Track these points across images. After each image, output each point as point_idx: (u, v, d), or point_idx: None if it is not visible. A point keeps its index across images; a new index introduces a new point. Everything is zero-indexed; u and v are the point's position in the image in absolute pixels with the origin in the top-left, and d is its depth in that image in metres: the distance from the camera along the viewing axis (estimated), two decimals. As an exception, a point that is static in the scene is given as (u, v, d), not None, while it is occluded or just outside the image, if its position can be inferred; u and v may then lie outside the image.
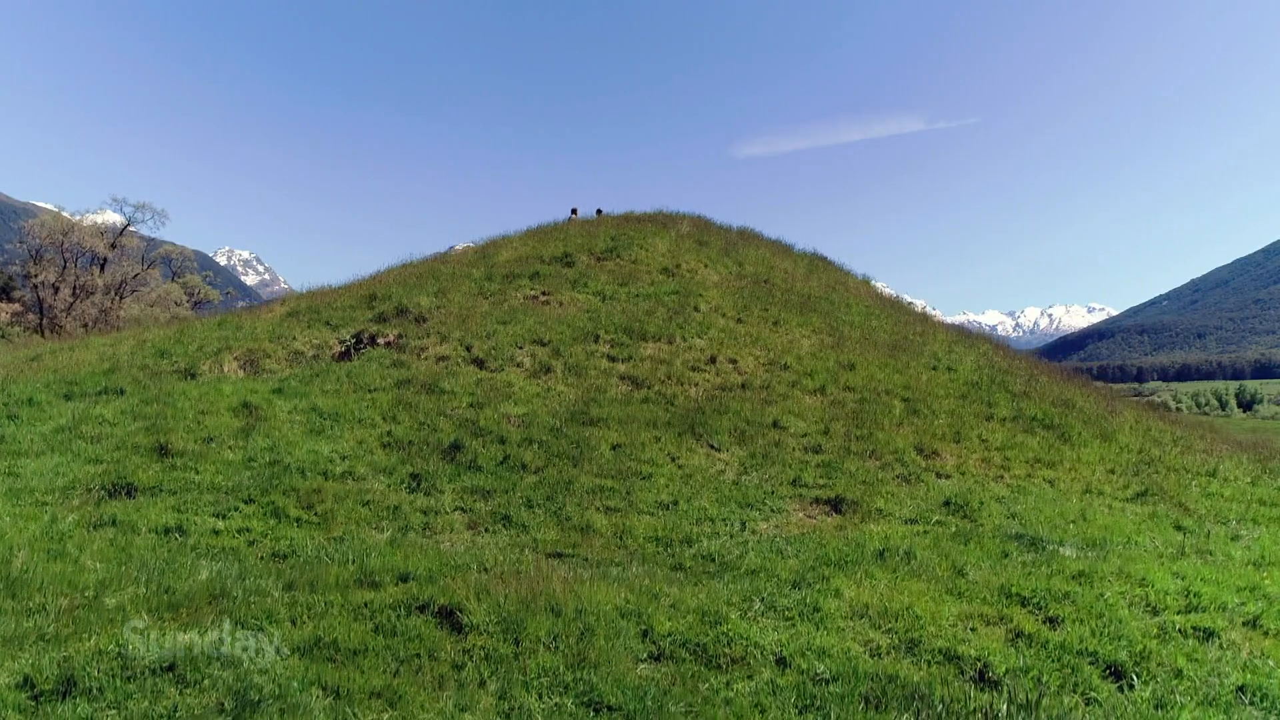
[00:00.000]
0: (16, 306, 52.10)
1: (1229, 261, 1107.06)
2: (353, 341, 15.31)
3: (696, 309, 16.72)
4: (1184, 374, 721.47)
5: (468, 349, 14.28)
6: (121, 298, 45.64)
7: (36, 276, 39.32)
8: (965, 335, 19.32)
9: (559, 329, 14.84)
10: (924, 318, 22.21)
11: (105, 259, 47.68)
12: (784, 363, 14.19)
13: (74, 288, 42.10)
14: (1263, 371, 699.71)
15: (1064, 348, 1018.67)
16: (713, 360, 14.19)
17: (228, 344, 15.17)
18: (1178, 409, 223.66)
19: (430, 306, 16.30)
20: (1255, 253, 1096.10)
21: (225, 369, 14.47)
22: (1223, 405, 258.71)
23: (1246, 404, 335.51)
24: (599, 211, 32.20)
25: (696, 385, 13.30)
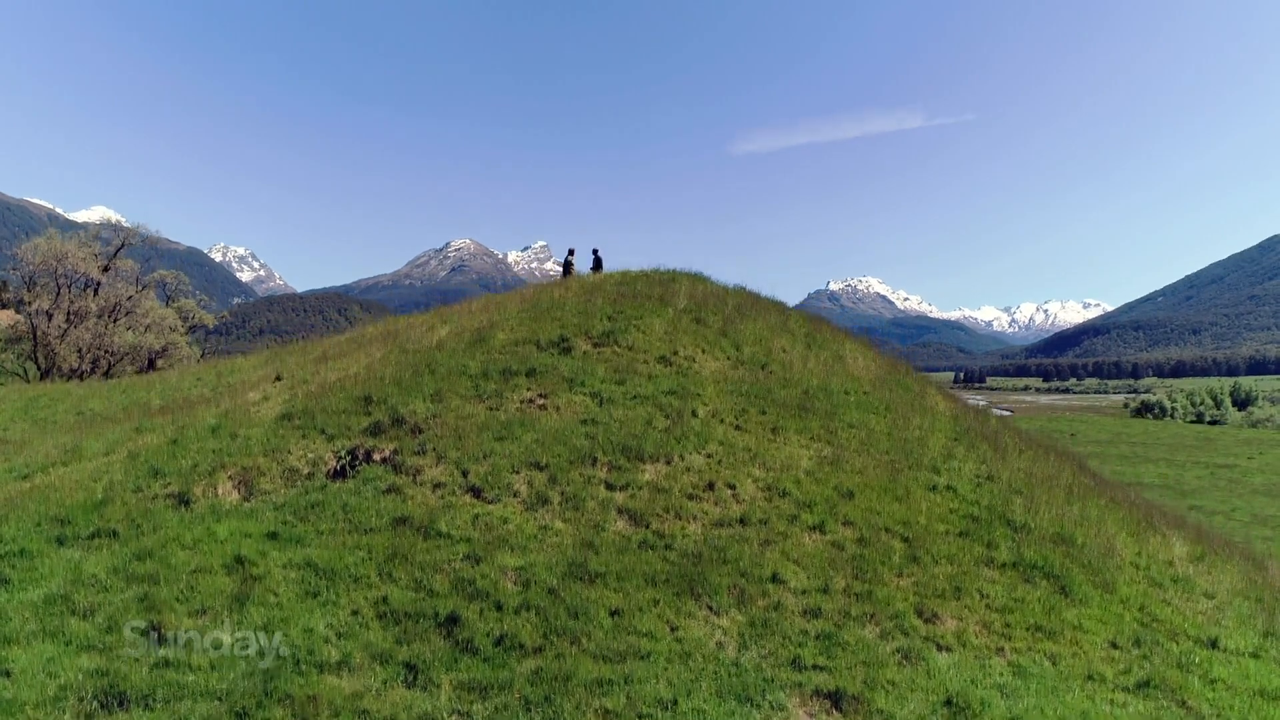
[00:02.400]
0: (10, 322, 52.05)
1: (1224, 257, 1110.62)
2: (348, 459, 15.20)
3: (694, 413, 16.62)
4: (1179, 370, 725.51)
5: (464, 474, 14.18)
6: (115, 321, 45.45)
7: (31, 305, 39.18)
8: (966, 428, 19.26)
9: (556, 449, 14.73)
10: (921, 395, 22.16)
11: (99, 283, 47.43)
12: (783, 488, 14.11)
13: (68, 314, 41.92)
14: (1257, 367, 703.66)
15: (1060, 344, 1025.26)
16: (711, 486, 14.10)
17: (221, 461, 15.05)
18: (1173, 411, 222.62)
19: (426, 415, 16.18)
20: (1250, 248, 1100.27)
21: (219, 491, 14.35)
22: (1218, 405, 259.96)
23: (1241, 403, 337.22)
24: (596, 256, 32.11)
25: (695, 519, 13.21)
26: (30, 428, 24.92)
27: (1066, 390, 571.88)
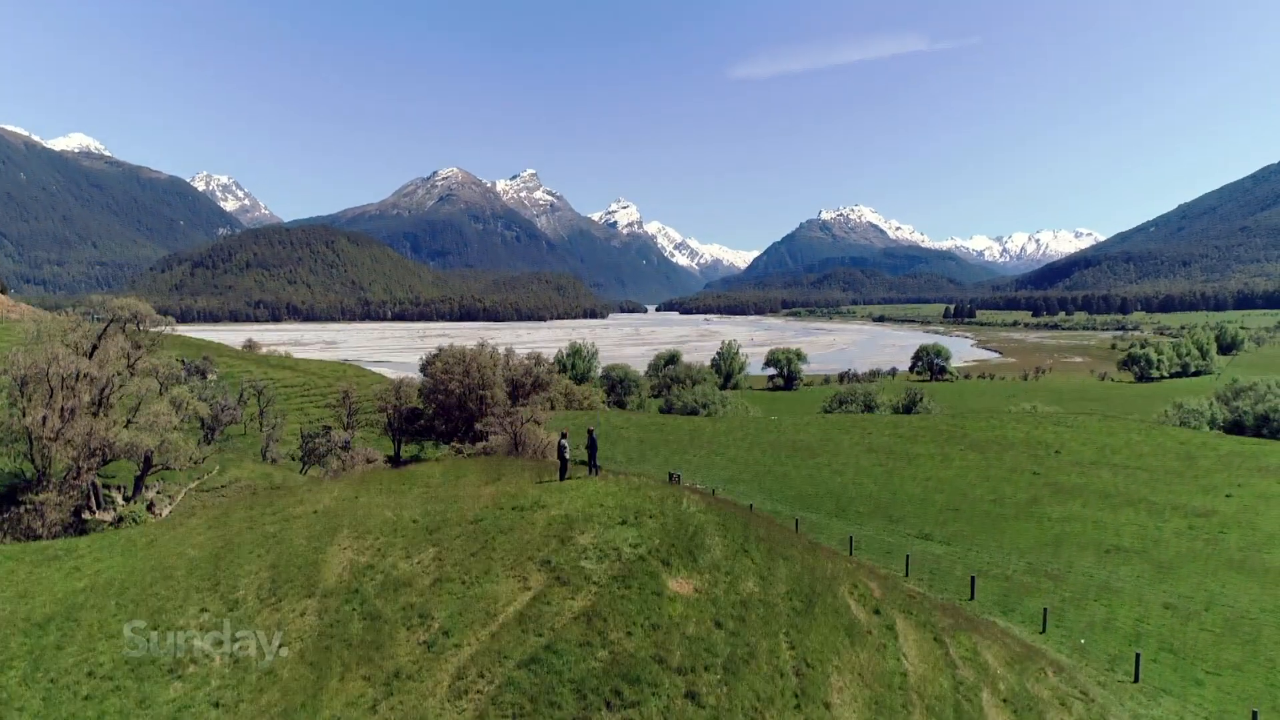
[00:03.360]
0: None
1: (1218, 187, 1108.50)
2: None
3: None
4: (1167, 305, 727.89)
5: None
6: (105, 405, 45.24)
7: (26, 416, 39.14)
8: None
9: None
10: None
11: (88, 374, 47.01)
12: None
13: (60, 411, 41.97)
14: (1244, 302, 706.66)
15: (1050, 275, 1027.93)
16: None
17: None
18: (1159, 363, 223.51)
19: None
20: (1244, 179, 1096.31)
21: None
22: (1203, 355, 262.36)
23: (1226, 347, 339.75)
24: (591, 437, 31.76)
25: None
26: (43, 707, 25.14)
27: (1055, 326, 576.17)
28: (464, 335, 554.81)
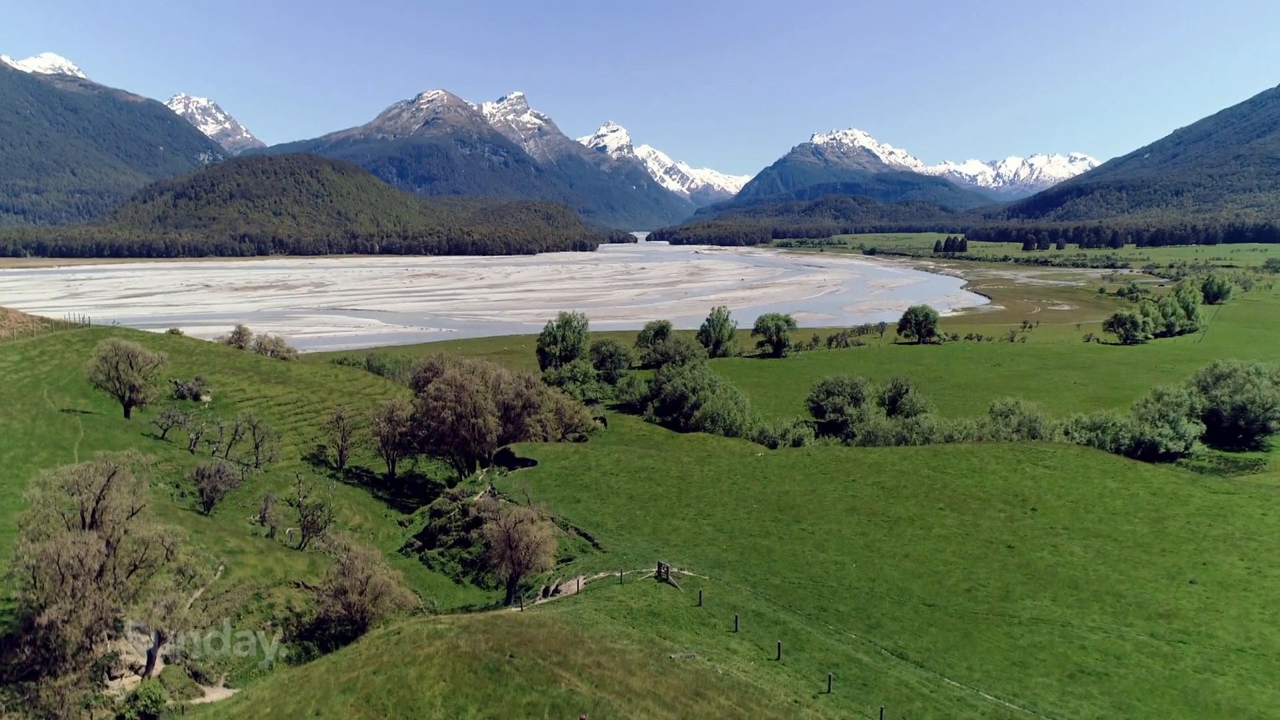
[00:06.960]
0: None
1: (1215, 112, 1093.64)
2: None
3: None
4: (1158, 239, 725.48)
5: None
6: (113, 566, 45.58)
7: (41, 616, 39.97)
8: None
9: None
10: None
11: (97, 549, 46.84)
12: None
13: (71, 592, 42.85)
14: (1234, 235, 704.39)
15: (1041, 204, 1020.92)
16: None
17: None
18: (1144, 325, 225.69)
19: None
20: (1241, 104, 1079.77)
21: None
22: (1189, 313, 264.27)
23: (1213, 295, 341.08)
24: None
25: None
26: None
27: (1045, 263, 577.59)
28: (453, 271, 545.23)
